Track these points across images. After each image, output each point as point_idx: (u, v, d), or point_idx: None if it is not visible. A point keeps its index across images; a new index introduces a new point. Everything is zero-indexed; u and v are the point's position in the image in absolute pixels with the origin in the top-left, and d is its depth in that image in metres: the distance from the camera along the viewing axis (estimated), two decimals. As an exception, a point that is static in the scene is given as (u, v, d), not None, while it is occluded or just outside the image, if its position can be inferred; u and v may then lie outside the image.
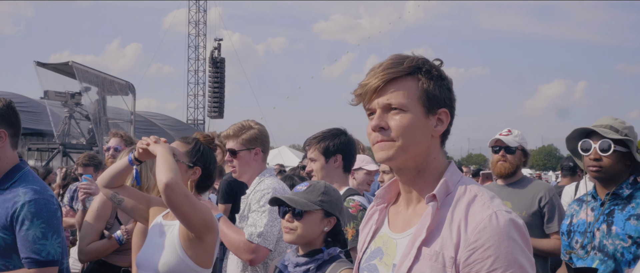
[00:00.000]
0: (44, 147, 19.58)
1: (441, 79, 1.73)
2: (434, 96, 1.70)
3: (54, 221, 2.90)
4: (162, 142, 2.90)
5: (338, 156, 3.60)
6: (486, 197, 1.68)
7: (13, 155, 3.01)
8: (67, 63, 19.20)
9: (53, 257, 2.86)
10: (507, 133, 4.20)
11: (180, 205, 2.67)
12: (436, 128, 1.73)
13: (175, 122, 34.35)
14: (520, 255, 1.58)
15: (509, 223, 1.60)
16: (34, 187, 2.92)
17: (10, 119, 2.97)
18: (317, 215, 2.75)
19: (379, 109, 1.71)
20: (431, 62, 1.75)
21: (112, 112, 21.13)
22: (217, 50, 44.16)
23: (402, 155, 1.70)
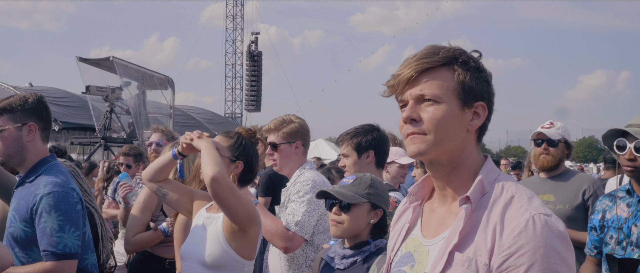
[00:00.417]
0: (86, 141, 19.93)
1: (479, 71, 1.65)
2: (471, 88, 1.62)
3: (73, 214, 2.91)
4: (205, 136, 2.95)
5: (370, 152, 3.62)
6: (524, 198, 1.58)
7: (43, 148, 3.09)
8: (108, 58, 19.50)
9: (70, 249, 2.87)
10: (549, 125, 4.15)
11: (226, 198, 2.72)
12: (472, 122, 1.64)
13: (213, 115, 34.60)
14: (558, 264, 1.48)
15: (548, 228, 1.50)
16: (54, 179, 2.95)
17: (41, 113, 3.06)
18: (364, 207, 2.77)
19: (412, 100, 1.63)
20: (469, 53, 1.67)
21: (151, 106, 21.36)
22: (254, 43, 44.43)
23: (434, 149, 1.61)
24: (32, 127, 3.01)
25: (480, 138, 1.70)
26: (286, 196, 3.63)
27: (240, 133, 3.17)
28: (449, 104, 1.61)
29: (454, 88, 1.61)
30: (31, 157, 3.03)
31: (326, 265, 2.90)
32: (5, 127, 2.96)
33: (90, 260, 3.13)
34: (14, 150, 2.99)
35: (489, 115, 1.68)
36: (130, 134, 18.43)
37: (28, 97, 3.04)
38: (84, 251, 3.03)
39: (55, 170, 3.03)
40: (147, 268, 4.21)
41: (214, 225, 2.96)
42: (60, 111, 21.74)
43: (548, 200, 4.08)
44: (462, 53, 1.65)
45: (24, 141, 2.99)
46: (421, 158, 1.64)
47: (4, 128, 2.96)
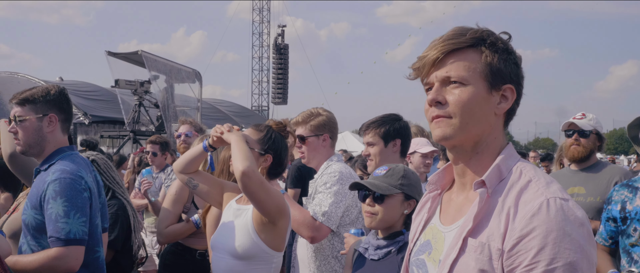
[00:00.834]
0: (116, 134, 20.17)
1: (507, 53, 1.59)
2: (499, 70, 1.56)
3: (79, 201, 2.92)
4: (235, 130, 2.97)
5: (397, 141, 3.63)
6: (542, 182, 1.52)
7: (62, 139, 3.14)
8: (136, 52, 19.67)
9: (75, 235, 2.88)
10: (581, 116, 4.10)
11: (256, 192, 2.75)
12: (500, 105, 1.58)
13: (240, 108, 34.76)
14: (571, 250, 1.40)
15: (563, 212, 1.43)
16: (63, 167, 2.99)
17: (62, 104, 3.13)
18: (397, 198, 2.78)
19: (437, 82, 1.58)
20: (497, 35, 1.61)
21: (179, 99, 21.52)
22: (281, 36, 44.49)
23: (460, 134, 1.56)
24: (52, 118, 3.07)
25: (507, 123, 1.64)
26: (314, 188, 3.65)
27: (270, 126, 3.19)
28: (476, 86, 1.55)
29: (482, 70, 1.56)
30: (50, 147, 3.09)
31: (359, 256, 2.91)
32: (26, 117, 3.03)
33: (101, 254, 3.17)
34: (33, 140, 3.04)
35: (518, 99, 1.62)
36: (158, 127, 18.61)
37: (50, 89, 3.10)
38: (95, 243, 3.07)
39: (68, 159, 3.07)
40: (178, 259, 4.26)
41: (244, 216, 2.98)
42: (90, 105, 22.02)
43: (578, 192, 4.03)
44: (490, 34, 1.60)
45: (44, 132, 3.05)
46: (445, 143, 1.60)
47: (25, 118, 3.03)
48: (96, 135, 21.10)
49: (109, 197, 4.00)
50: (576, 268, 1.40)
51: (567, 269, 1.39)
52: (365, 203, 2.82)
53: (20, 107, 3.04)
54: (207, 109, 26.15)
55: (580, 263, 1.40)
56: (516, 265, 1.43)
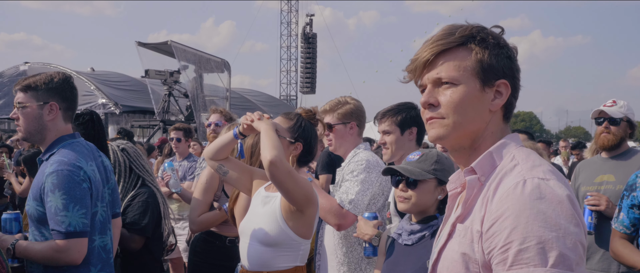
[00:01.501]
0: (146, 123, 20.43)
1: (499, 47, 1.56)
2: (490, 66, 1.54)
3: (77, 192, 2.88)
4: (265, 118, 2.99)
5: (413, 128, 3.62)
6: (527, 165, 1.48)
7: (64, 128, 3.09)
8: (166, 42, 19.87)
9: (75, 228, 2.85)
10: (611, 104, 4.03)
11: (284, 181, 2.76)
12: (494, 102, 1.56)
13: (268, 98, 34.93)
14: (545, 228, 1.35)
15: (539, 191, 1.39)
16: (61, 158, 2.93)
17: (65, 93, 3.07)
18: (430, 183, 2.78)
19: (430, 84, 1.58)
20: (489, 30, 1.59)
21: (208, 89, 21.70)
22: (309, 25, 44.46)
23: (454, 133, 1.56)
24: (53, 107, 3.02)
25: (507, 117, 1.63)
26: (340, 176, 3.66)
27: (300, 114, 3.20)
28: (468, 84, 1.54)
29: (473, 67, 1.55)
30: (51, 135, 3.05)
31: (393, 242, 2.91)
32: (27, 104, 3.00)
33: (98, 242, 3.08)
34: (34, 127, 3.02)
35: (514, 92, 1.60)
36: (188, 117, 18.79)
37: (54, 77, 3.05)
38: (92, 232, 3.01)
39: (68, 148, 3.02)
40: (208, 246, 4.30)
41: (272, 203, 3.01)
42: (121, 95, 22.34)
43: (608, 180, 3.99)
44: (480, 30, 1.58)
45: (45, 120, 3.01)
46: (441, 143, 1.60)
47: (26, 105, 3.00)
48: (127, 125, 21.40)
49: (139, 185, 4.06)
50: (552, 247, 1.35)
51: (541, 248, 1.35)
52: (399, 188, 2.82)
53: (23, 93, 3.02)
54: (236, 99, 26.31)
55: (556, 242, 1.36)
56: (493, 247, 1.42)
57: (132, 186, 4.05)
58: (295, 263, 2.99)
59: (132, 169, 4.07)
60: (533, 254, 1.35)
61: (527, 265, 1.36)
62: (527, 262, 1.36)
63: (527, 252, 1.36)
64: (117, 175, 4.01)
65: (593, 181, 4.08)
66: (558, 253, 1.35)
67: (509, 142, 1.58)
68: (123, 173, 4.03)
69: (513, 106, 1.62)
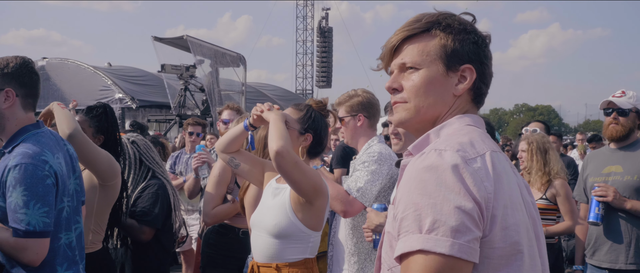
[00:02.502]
0: (162, 118, 20.52)
1: (465, 33, 1.59)
2: (454, 51, 1.58)
3: (40, 189, 2.63)
4: (275, 109, 2.98)
5: None
6: (437, 143, 1.49)
7: (25, 117, 2.83)
8: (182, 37, 19.94)
9: (34, 227, 2.61)
10: (620, 94, 3.99)
11: (291, 172, 2.75)
12: (458, 86, 1.59)
13: (284, 92, 34.92)
14: (421, 195, 1.36)
15: (426, 160, 1.41)
16: (25, 150, 2.69)
17: (23, 78, 2.80)
18: None
19: (396, 70, 1.63)
20: (457, 16, 1.62)
21: (224, 83, 21.75)
22: (325, 19, 44.45)
23: (415, 117, 1.60)
24: (9, 94, 2.75)
25: (477, 102, 1.64)
26: (353, 167, 3.66)
27: (310, 105, 3.18)
28: (431, 69, 1.58)
29: (436, 52, 1.58)
30: (10, 125, 2.78)
31: None
32: None
33: (65, 239, 2.84)
34: None
35: (482, 77, 1.61)
36: (204, 111, 18.83)
37: (10, 62, 2.79)
38: (58, 230, 2.79)
39: (33, 139, 2.77)
40: (221, 238, 4.31)
41: (282, 195, 3.00)
42: (137, 89, 22.44)
43: (616, 171, 3.97)
44: (446, 17, 1.61)
45: (1, 108, 2.75)
46: (403, 127, 1.64)
47: None
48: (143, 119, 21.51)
49: (149, 177, 4.08)
50: (427, 214, 1.35)
51: (417, 214, 1.36)
52: None
53: None
54: (252, 93, 26.35)
55: (431, 208, 1.36)
56: (397, 217, 1.43)
57: (142, 178, 4.08)
58: (305, 255, 2.97)
59: (142, 161, 4.10)
60: (410, 221, 1.37)
61: (407, 233, 1.37)
62: (407, 229, 1.38)
63: (407, 219, 1.38)
64: (127, 167, 4.04)
65: (601, 172, 4.05)
66: (431, 219, 1.35)
67: (455, 121, 1.59)
68: (133, 166, 4.06)
69: (482, 91, 1.64)
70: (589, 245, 4.07)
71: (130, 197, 4.01)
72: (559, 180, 4.65)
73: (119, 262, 4.04)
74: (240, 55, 22.06)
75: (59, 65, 23.20)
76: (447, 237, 1.34)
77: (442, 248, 1.33)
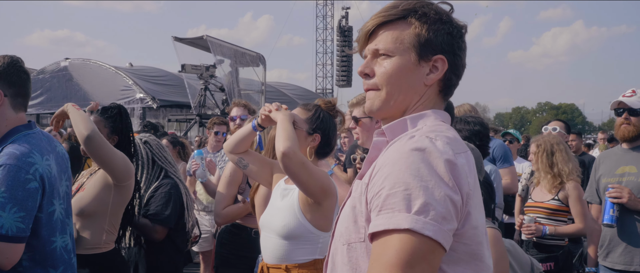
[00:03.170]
0: (183, 117, 20.70)
1: (441, 23, 1.59)
2: (428, 41, 1.57)
3: (19, 192, 2.54)
4: (283, 109, 2.98)
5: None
6: (424, 131, 1.51)
7: (14, 117, 2.75)
8: (201, 37, 20.10)
9: (7, 231, 2.50)
10: (630, 94, 3.94)
11: (297, 173, 2.74)
12: (429, 76, 1.59)
13: (304, 91, 34.94)
14: (414, 176, 1.37)
15: (416, 144, 1.43)
16: (13, 151, 2.61)
17: (11, 78, 2.72)
18: None
19: (369, 55, 1.63)
20: (434, 5, 1.61)
21: (244, 83, 21.86)
22: (345, 18, 44.32)
23: (386, 105, 1.60)
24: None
25: (445, 93, 1.65)
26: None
27: (318, 105, 3.18)
28: (403, 56, 1.58)
29: (409, 40, 1.58)
30: (1, 126, 2.72)
31: None
32: None
33: (59, 243, 2.78)
34: None
35: (454, 69, 1.62)
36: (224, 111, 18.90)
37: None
38: (51, 233, 2.73)
39: (23, 140, 2.70)
40: (234, 238, 4.33)
41: (291, 196, 3.00)
42: (158, 89, 22.60)
43: (630, 172, 3.91)
44: (423, 5, 1.60)
45: None
46: (374, 115, 1.64)
47: None
48: (164, 119, 21.69)
49: (162, 177, 4.12)
50: (418, 195, 1.35)
51: (407, 194, 1.36)
52: None
53: None
54: (272, 92, 26.41)
55: (423, 191, 1.36)
56: (372, 195, 1.44)
57: (155, 178, 4.11)
58: (314, 256, 2.96)
59: (155, 161, 4.13)
60: (398, 199, 1.36)
61: (392, 210, 1.36)
62: (392, 206, 1.36)
63: (394, 197, 1.37)
64: (140, 167, 4.07)
65: (614, 173, 3.99)
66: (423, 202, 1.35)
67: (431, 114, 1.60)
68: (145, 166, 4.09)
69: (452, 83, 1.64)
70: (603, 247, 4.02)
71: (143, 196, 4.05)
72: (571, 182, 4.63)
73: (132, 261, 4.08)
74: (260, 55, 22.15)
75: (81, 66, 23.47)
76: (436, 222, 1.35)
77: (430, 231, 1.34)
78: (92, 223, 3.43)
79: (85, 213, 3.41)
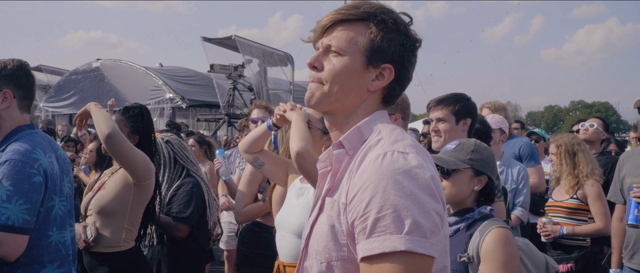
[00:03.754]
0: (211, 117, 20.82)
1: (396, 33, 1.61)
2: (380, 48, 1.60)
3: (25, 185, 2.67)
4: (298, 108, 2.99)
5: (468, 120, 3.58)
6: (390, 139, 1.55)
7: (20, 117, 2.91)
8: (230, 37, 20.21)
9: (13, 222, 2.63)
10: None
11: (312, 172, 2.75)
12: (374, 82, 1.62)
13: (333, 90, 34.92)
14: (400, 197, 1.41)
15: (396, 162, 1.46)
16: (17, 147, 2.75)
17: (20, 80, 2.90)
18: (466, 173, 2.70)
19: (321, 49, 1.65)
20: (394, 14, 1.63)
21: (272, 82, 21.91)
22: (373, 17, 44.17)
23: (326, 100, 1.63)
24: (7, 95, 2.85)
25: (387, 102, 1.67)
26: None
27: None
28: (352, 58, 1.60)
29: (362, 44, 1.60)
30: (6, 125, 2.87)
31: None
32: None
33: (56, 237, 2.87)
34: None
35: (399, 80, 1.64)
36: (252, 110, 18.98)
37: (7, 64, 2.89)
38: (47, 227, 2.83)
39: (26, 138, 2.84)
40: (255, 237, 4.36)
41: (306, 195, 3.01)
42: (187, 89, 22.78)
43: None
44: (384, 12, 1.62)
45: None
46: (314, 107, 1.66)
47: None
48: (193, 119, 21.87)
49: (184, 176, 4.16)
50: (406, 215, 1.40)
51: (396, 215, 1.39)
52: None
53: None
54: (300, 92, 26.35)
55: (410, 209, 1.40)
56: (355, 217, 1.46)
57: (177, 177, 4.16)
58: None
59: (177, 160, 4.17)
60: (389, 222, 1.40)
61: (384, 233, 1.40)
62: (384, 229, 1.40)
63: (384, 220, 1.40)
64: (162, 166, 4.12)
65: (639, 172, 3.92)
66: (412, 221, 1.40)
67: (378, 117, 1.65)
68: (167, 165, 4.14)
69: (396, 92, 1.68)
70: (628, 248, 3.96)
71: (165, 195, 4.10)
72: (589, 180, 4.57)
73: (155, 259, 4.13)
74: (288, 55, 22.18)
75: (112, 66, 23.80)
76: (426, 238, 1.41)
77: (423, 249, 1.40)
78: (111, 221, 3.49)
79: (105, 211, 3.47)
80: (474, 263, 2.56)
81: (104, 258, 3.47)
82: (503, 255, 2.50)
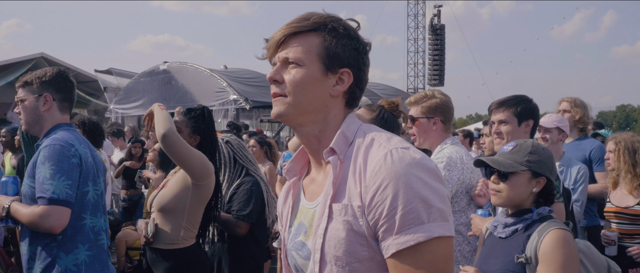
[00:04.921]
0: (274, 118, 21.05)
1: (349, 39, 1.69)
2: (336, 54, 1.66)
3: (65, 165, 3.01)
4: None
5: (530, 121, 3.53)
6: (383, 138, 1.62)
7: (60, 117, 3.31)
8: (291, 38, 20.37)
9: (58, 196, 2.95)
10: None
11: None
12: (335, 87, 1.68)
13: (395, 91, 34.66)
14: (422, 188, 1.50)
15: (405, 158, 1.53)
16: (56, 136, 3.13)
17: (59, 85, 3.30)
18: (523, 175, 2.69)
19: (279, 63, 1.70)
20: (343, 21, 1.71)
21: (334, 83, 21.96)
22: (437, 16, 43.75)
23: (293, 111, 1.67)
24: (47, 98, 3.25)
25: (350, 105, 1.73)
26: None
27: (382, 106, 3.20)
28: (311, 68, 1.66)
29: (318, 53, 1.66)
30: (48, 125, 3.27)
31: (491, 234, 2.87)
32: (25, 98, 3.26)
33: (89, 222, 3.17)
34: (32, 118, 3.25)
35: (358, 83, 1.71)
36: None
37: (47, 72, 3.30)
38: (82, 210, 3.11)
39: (64, 131, 3.23)
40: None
41: None
42: (251, 91, 23.06)
43: None
44: (333, 21, 1.69)
45: (41, 111, 3.25)
46: (282, 120, 1.69)
47: (25, 99, 3.26)
48: (256, 120, 22.16)
49: (243, 175, 4.26)
50: (430, 204, 1.49)
51: (422, 206, 1.48)
52: (491, 180, 2.77)
53: (21, 89, 3.29)
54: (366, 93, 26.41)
55: (431, 198, 1.49)
56: (378, 217, 1.52)
57: (237, 176, 4.26)
58: None
59: (236, 160, 4.27)
60: (416, 214, 1.48)
61: (414, 225, 1.48)
62: (413, 222, 1.48)
63: (411, 212, 1.48)
64: (223, 166, 4.23)
65: None
66: (436, 208, 1.50)
67: (353, 120, 1.71)
68: (227, 165, 4.25)
69: (356, 95, 1.73)
70: None
71: (226, 194, 4.20)
72: None
73: (216, 256, 4.24)
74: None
75: (179, 69, 24.31)
76: (448, 222, 1.53)
77: (449, 231, 1.52)
78: (171, 219, 3.62)
79: (165, 209, 3.59)
80: (532, 264, 2.55)
81: (163, 255, 3.59)
82: (562, 257, 2.48)
